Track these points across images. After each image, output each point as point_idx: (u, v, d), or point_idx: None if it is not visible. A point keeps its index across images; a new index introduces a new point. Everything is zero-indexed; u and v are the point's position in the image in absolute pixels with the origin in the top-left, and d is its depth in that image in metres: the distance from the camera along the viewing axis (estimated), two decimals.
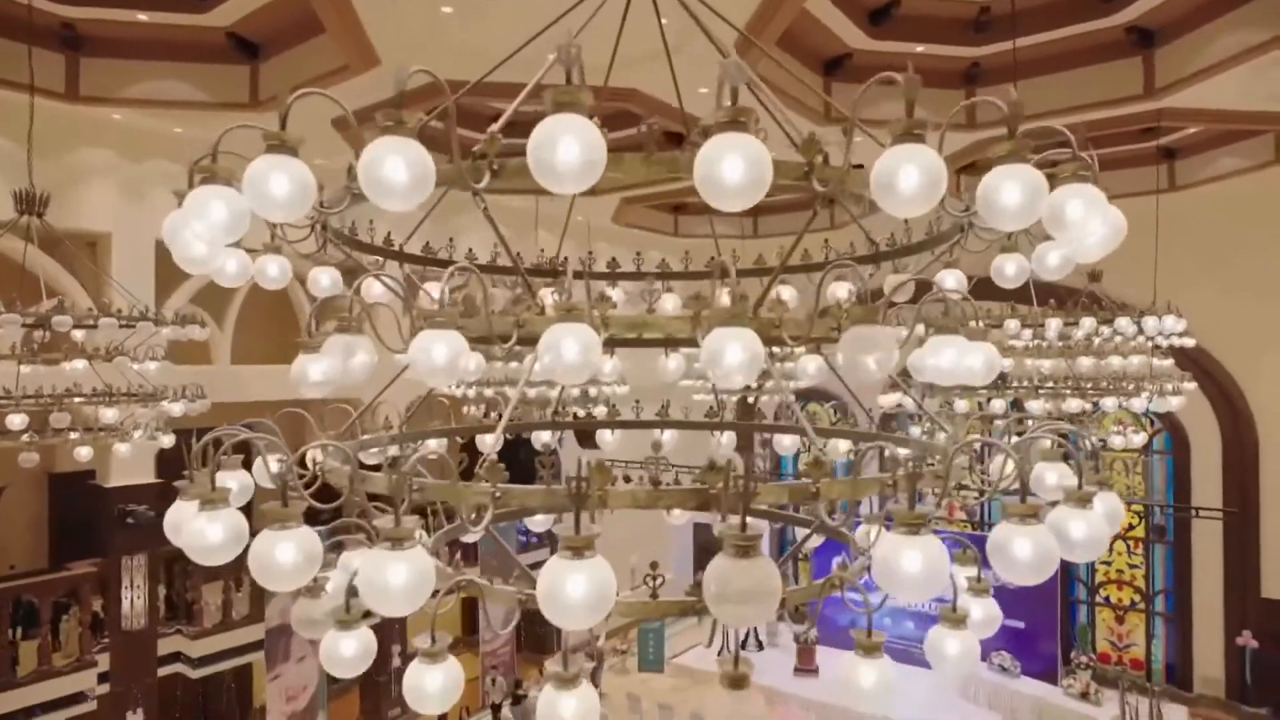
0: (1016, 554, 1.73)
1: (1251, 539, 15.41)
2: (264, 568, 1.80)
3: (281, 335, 15.13)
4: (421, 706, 2.06)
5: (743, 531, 1.56)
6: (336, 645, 2.21)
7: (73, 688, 10.75)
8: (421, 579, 1.64)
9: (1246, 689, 15.35)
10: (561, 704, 1.85)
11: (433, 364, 1.88)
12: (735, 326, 1.84)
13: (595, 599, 1.53)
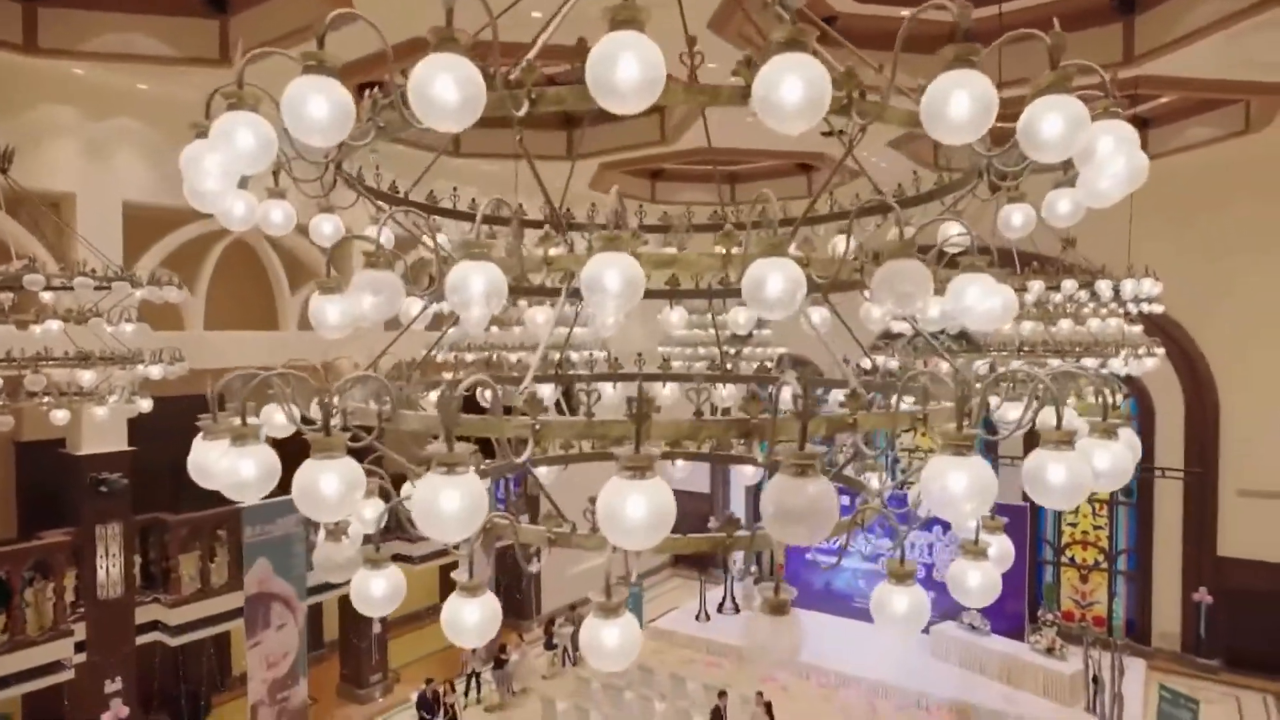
0: (1051, 480, 1.77)
1: (1209, 500, 15.97)
2: (308, 497, 1.78)
3: (254, 302, 14.85)
4: (460, 639, 2.06)
5: (801, 450, 1.57)
6: (367, 585, 2.20)
7: (48, 657, 10.60)
8: (475, 504, 1.63)
9: (1200, 642, 16.01)
10: (604, 633, 1.86)
11: (469, 295, 1.85)
12: (777, 257, 1.84)
13: (656, 519, 1.54)
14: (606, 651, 1.88)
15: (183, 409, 14.66)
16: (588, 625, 1.90)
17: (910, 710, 14.46)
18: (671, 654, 16.99)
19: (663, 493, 1.53)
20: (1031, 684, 14.54)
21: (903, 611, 2.09)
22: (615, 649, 1.86)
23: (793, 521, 1.58)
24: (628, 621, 1.87)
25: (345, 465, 1.77)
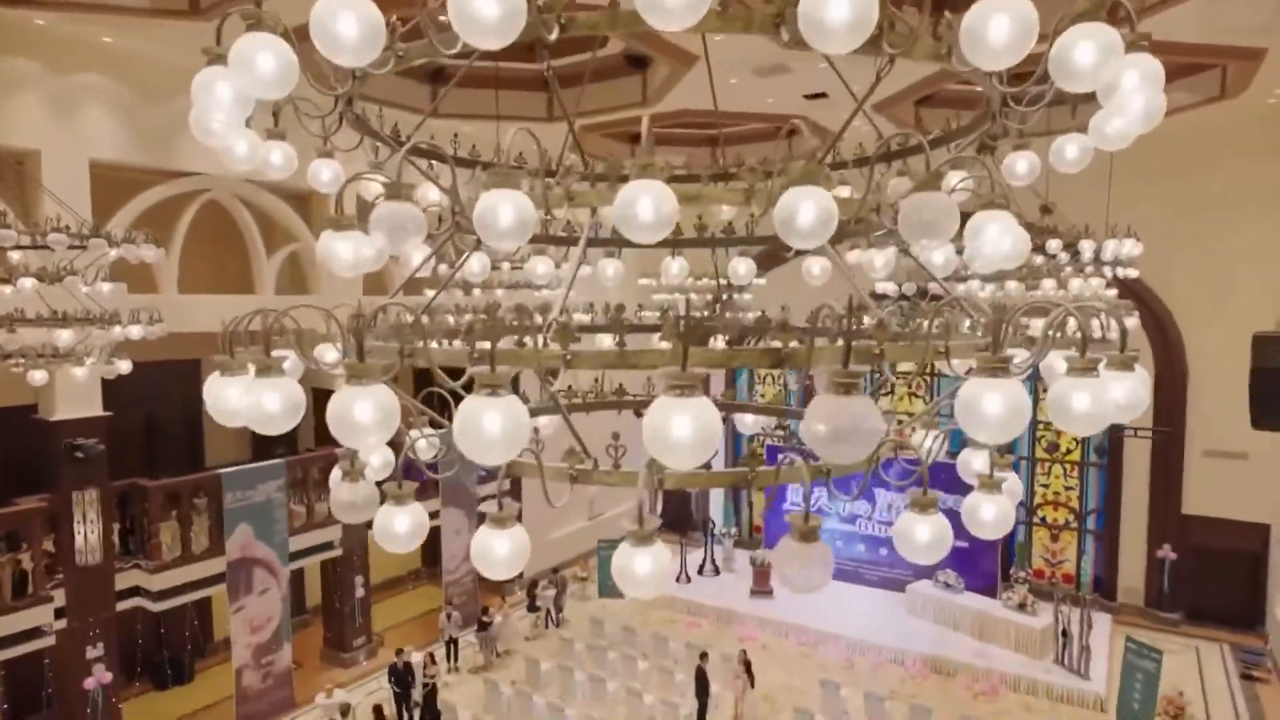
0: (1075, 407, 1.81)
1: (1175, 459, 16.43)
2: (343, 424, 1.76)
3: (229, 265, 14.55)
4: (489, 571, 2.07)
5: (845, 368, 1.58)
6: (391, 521, 2.19)
7: (28, 623, 10.49)
8: (518, 425, 1.62)
9: (1163, 597, 16.58)
10: (637, 561, 1.88)
11: (499, 225, 1.82)
12: (810, 185, 1.83)
13: (701, 437, 1.54)
14: (638, 579, 1.90)
15: (157, 374, 14.61)
16: (620, 553, 1.92)
17: (887, 666, 14.85)
18: (653, 615, 17.23)
19: (708, 411, 1.54)
20: (1003, 638, 14.98)
21: (925, 540, 2.13)
22: (647, 576, 1.88)
23: (838, 440, 1.60)
24: (658, 550, 1.88)
25: (380, 392, 1.75)
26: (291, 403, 1.91)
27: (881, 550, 17.98)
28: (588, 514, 21.05)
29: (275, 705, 13.24)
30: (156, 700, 13.70)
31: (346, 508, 2.32)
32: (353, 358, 1.86)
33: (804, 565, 1.86)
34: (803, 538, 1.91)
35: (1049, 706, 13.47)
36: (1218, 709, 13.36)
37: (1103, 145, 2.73)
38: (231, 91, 2.05)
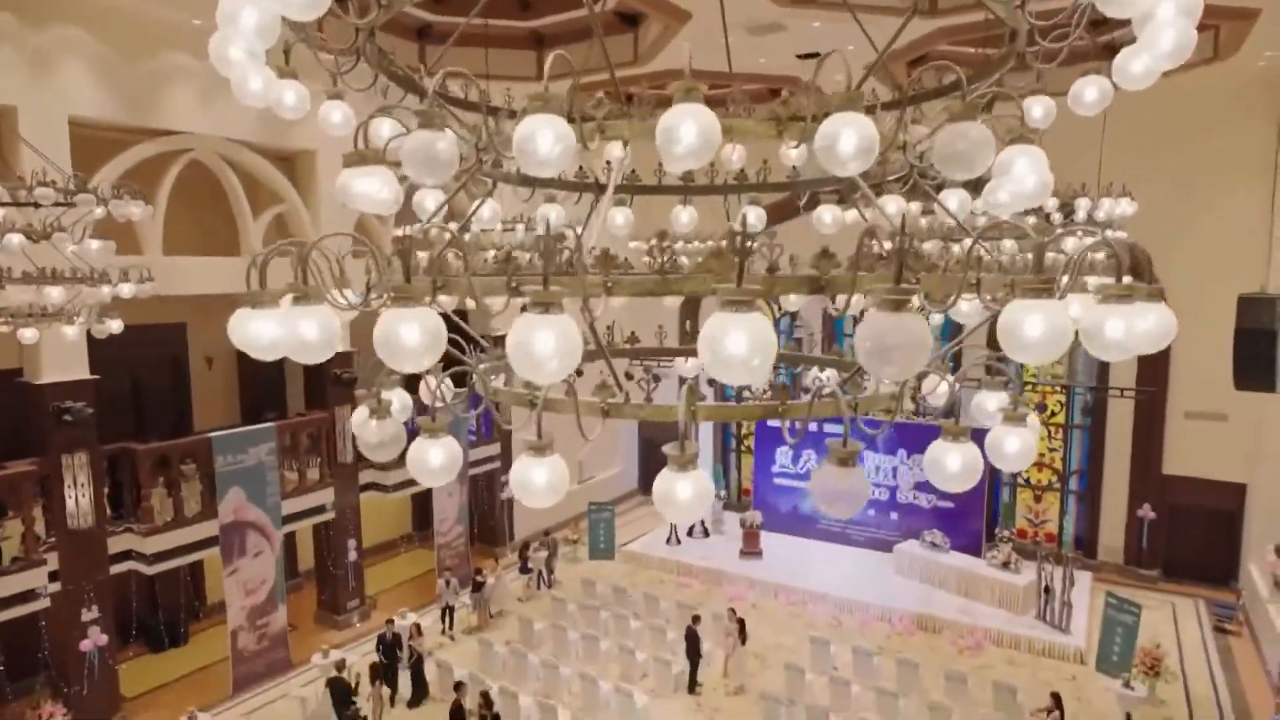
0: (1110, 335, 1.84)
1: (1158, 421, 16.72)
2: (389, 347, 1.75)
3: (213, 227, 14.32)
4: (529, 499, 2.08)
5: (897, 284, 1.60)
6: (425, 454, 2.20)
7: (21, 586, 10.46)
8: (572, 344, 1.62)
9: (1141, 555, 16.99)
10: (678, 486, 1.90)
11: (539, 152, 1.81)
12: (851, 113, 1.83)
13: (759, 347, 1.54)
14: (679, 503, 1.92)
15: (142, 339, 14.48)
16: (662, 478, 1.94)
17: (874, 623, 15.16)
18: (643, 575, 17.46)
19: (763, 326, 1.55)
20: (987, 595, 15.32)
21: (956, 469, 2.16)
22: (688, 501, 1.91)
23: (888, 356, 1.61)
24: (699, 475, 1.91)
25: (426, 315, 1.74)
26: (329, 331, 1.90)
27: (870, 511, 18.23)
28: (577, 478, 21.18)
29: (271, 666, 13.35)
30: (151, 662, 13.77)
31: (375, 447, 2.32)
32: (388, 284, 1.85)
33: (841, 488, 1.88)
34: (841, 462, 1.92)
35: (1031, 660, 13.83)
36: (1192, 660, 13.78)
37: (1126, 85, 2.73)
38: (256, 17, 2.00)
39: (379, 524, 17.78)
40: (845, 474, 1.73)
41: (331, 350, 1.97)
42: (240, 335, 2.10)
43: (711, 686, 12.92)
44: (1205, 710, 12.31)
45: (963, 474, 2.17)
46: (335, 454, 14.75)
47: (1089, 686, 12.88)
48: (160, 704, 12.45)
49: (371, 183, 2.33)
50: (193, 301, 14.82)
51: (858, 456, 2.02)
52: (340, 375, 14.72)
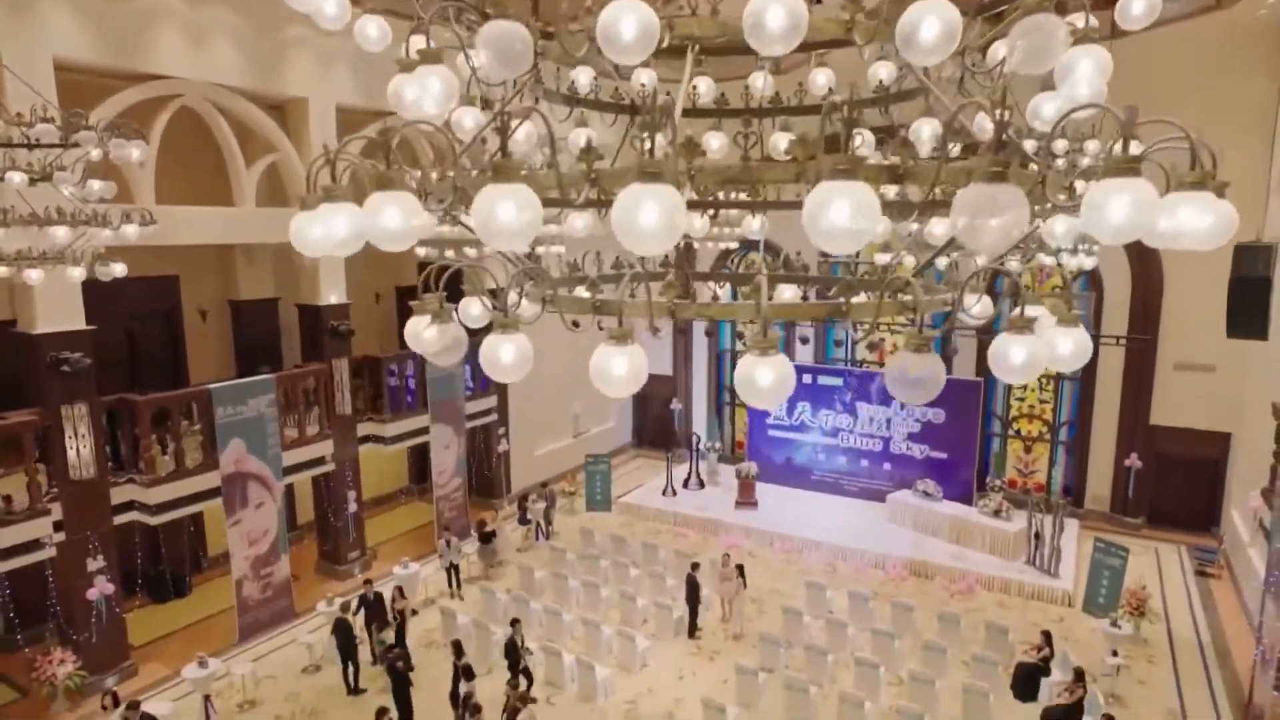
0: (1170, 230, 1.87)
1: (1147, 371, 16.98)
2: (488, 226, 1.75)
3: (202, 177, 14.05)
4: (609, 388, 2.09)
5: (996, 155, 1.61)
6: (496, 351, 2.21)
7: (27, 535, 10.48)
8: (675, 214, 1.62)
9: (1127, 503, 17.39)
10: (759, 371, 1.93)
11: (623, 39, 1.79)
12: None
13: (864, 212, 1.56)
14: (760, 389, 1.95)
15: (135, 291, 14.29)
16: (744, 363, 1.97)
17: (868, 570, 15.49)
18: (640, 526, 17.70)
19: (866, 192, 1.55)
20: (979, 542, 15.67)
21: (1019, 362, 2.20)
22: (770, 385, 1.94)
23: (987, 227, 1.63)
24: (781, 360, 1.93)
25: (523, 192, 1.73)
26: (416, 218, 1.89)
27: (863, 462, 18.52)
28: (572, 431, 21.33)
29: (276, 615, 13.50)
30: (156, 612, 13.88)
31: (439, 353, 2.34)
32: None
33: (917, 375, 1.92)
34: (917, 349, 1.96)
35: (1021, 603, 14.21)
36: (1174, 602, 14.21)
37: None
38: None
39: (377, 477, 17.87)
40: (922, 360, 1.75)
41: (414, 239, 1.96)
42: (306, 235, 2.08)
43: (710, 631, 13.22)
44: (1186, 649, 12.73)
45: (1026, 367, 2.22)
46: (334, 406, 14.74)
47: (1076, 627, 13.28)
48: (167, 652, 12.59)
49: (422, 85, 2.28)
50: (185, 254, 14.64)
51: (934, 343, 2.06)
52: (337, 328, 14.64)
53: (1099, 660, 11.58)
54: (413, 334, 2.58)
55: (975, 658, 11.45)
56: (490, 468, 18.67)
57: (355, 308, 15.26)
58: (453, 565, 14.59)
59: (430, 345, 2.41)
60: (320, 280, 14.47)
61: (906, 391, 1.93)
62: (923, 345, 2.00)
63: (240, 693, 11.44)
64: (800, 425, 19.12)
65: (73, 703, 11.04)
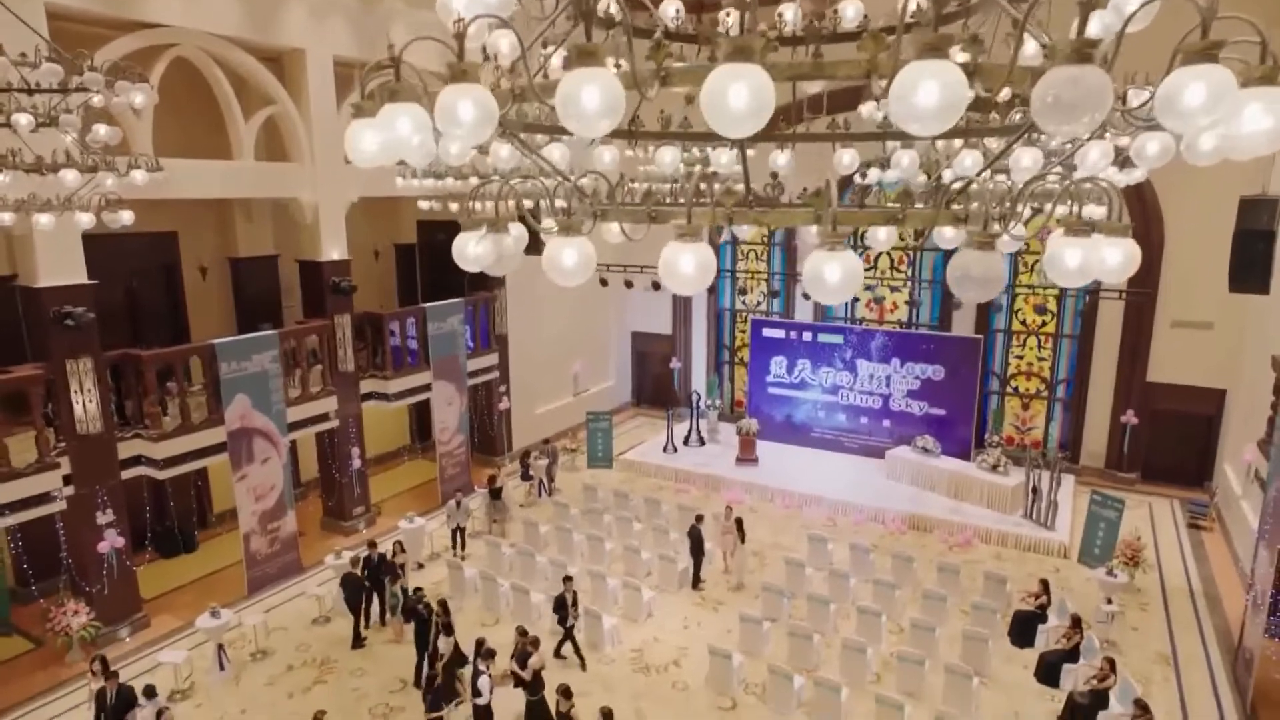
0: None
1: (1145, 328, 17.09)
2: (571, 108, 1.74)
3: (197, 133, 13.83)
4: (678, 284, 2.11)
5: (1082, 38, 1.62)
6: (559, 254, 2.22)
7: (37, 488, 10.52)
8: (764, 100, 1.62)
9: (1122, 458, 17.62)
10: (828, 268, 1.95)
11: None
12: None
13: (951, 93, 1.57)
14: (829, 285, 1.97)
15: (134, 247, 14.16)
16: (813, 259, 1.99)
17: (867, 524, 15.71)
18: (641, 483, 17.86)
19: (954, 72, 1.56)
20: (976, 496, 15.89)
21: (1075, 265, 2.22)
22: (838, 282, 1.96)
23: (1070, 108, 1.64)
24: (849, 256, 1.95)
25: (606, 77, 1.73)
26: (488, 111, 1.88)
27: (862, 419, 18.67)
28: (572, 390, 21.41)
29: (283, 569, 13.65)
30: (165, 566, 14.01)
31: (495, 263, 2.35)
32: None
33: (978, 273, 1.95)
34: (981, 246, 1.98)
35: (1017, 555, 14.48)
36: (1167, 553, 14.50)
37: None
38: None
39: (380, 435, 17.94)
40: (983, 258, 1.78)
41: (488, 132, 1.95)
42: (358, 151, 2.07)
43: (713, 582, 13.43)
44: (1178, 596, 13.03)
45: (1081, 271, 2.24)
46: (336, 363, 14.74)
47: (1071, 577, 13.55)
48: (178, 604, 12.73)
49: None
50: (183, 209, 14.48)
51: (996, 242, 2.08)
52: (338, 284, 14.58)
53: (1094, 608, 11.84)
54: (460, 250, 2.58)
55: (974, 606, 11.70)
56: (492, 425, 18.75)
57: (355, 265, 15.18)
58: (459, 528, 14.57)
59: (484, 259, 2.42)
60: (321, 236, 14.36)
61: (968, 288, 1.96)
62: (986, 243, 2.02)
63: (252, 643, 11.61)
64: (800, 383, 19.22)
65: (87, 653, 11.16)
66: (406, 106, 1.97)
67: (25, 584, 12.11)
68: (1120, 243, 2.39)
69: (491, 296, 18.07)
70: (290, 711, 10.18)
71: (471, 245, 2.48)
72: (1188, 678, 10.83)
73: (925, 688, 10.21)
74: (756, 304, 21.70)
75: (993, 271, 1.92)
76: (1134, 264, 2.45)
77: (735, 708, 10.15)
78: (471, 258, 2.55)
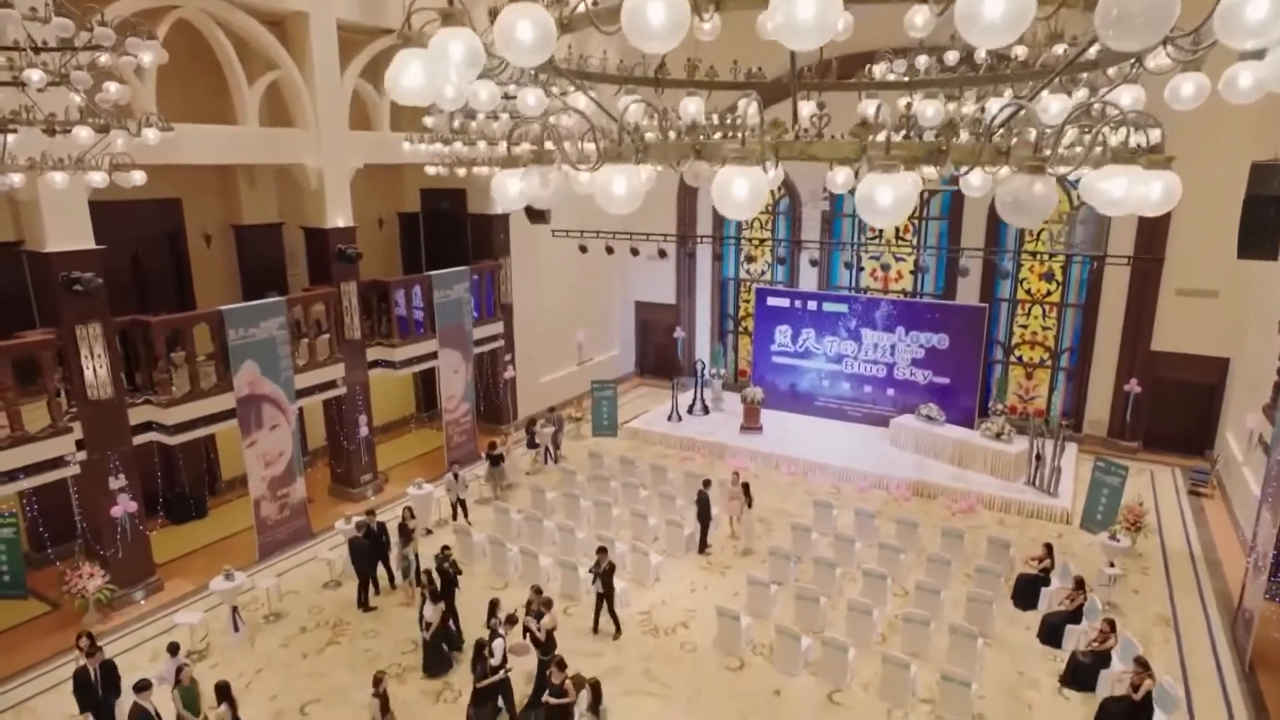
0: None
1: (1150, 297, 17.10)
2: (634, 23, 1.74)
3: (200, 100, 13.71)
4: (730, 209, 2.12)
5: None
6: (610, 182, 2.23)
7: (51, 452, 10.58)
8: (834, 10, 1.62)
9: (1125, 427, 17.73)
10: (879, 190, 1.97)
11: None
12: None
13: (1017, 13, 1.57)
14: (880, 207, 1.99)
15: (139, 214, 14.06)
16: (866, 182, 2.01)
17: (871, 491, 15.84)
18: (646, 451, 17.97)
19: None
20: (980, 464, 16.01)
21: (1119, 194, 2.24)
22: (890, 205, 1.97)
23: (1134, 20, 1.64)
24: (904, 178, 1.97)
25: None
26: (547, 32, 1.87)
27: (866, 388, 18.74)
28: (576, 360, 21.45)
29: (293, 534, 13.78)
30: (176, 532, 14.13)
31: (547, 198, 2.36)
32: None
33: (1028, 196, 1.97)
34: (1032, 170, 2.00)
35: (1020, 521, 14.62)
36: (1168, 519, 14.65)
37: None
38: None
39: (386, 404, 18.00)
40: (1033, 180, 1.80)
41: (549, 51, 1.94)
42: (395, 86, 2.07)
43: (720, 547, 13.58)
44: (1179, 561, 13.19)
45: (1125, 200, 2.26)
46: (343, 330, 14.75)
47: (1073, 543, 13.71)
48: (190, 569, 12.88)
49: None
50: (187, 175, 14.40)
51: (1046, 167, 2.09)
52: (344, 251, 14.54)
53: (1095, 572, 11.99)
54: (501, 188, 2.59)
55: (978, 570, 11.84)
56: (497, 394, 18.82)
57: (359, 235, 15.11)
58: (459, 500, 14.32)
59: (528, 192, 2.43)
60: (326, 202, 14.30)
61: (1018, 213, 1.97)
62: (1037, 168, 2.03)
63: (265, 605, 11.76)
64: (805, 352, 19.26)
65: (103, 615, 11.34)
66: (459, 31, 1.97)
67: (41, 548, 12.23)
68: (1162, 175, 2.40)
69: (497, 265, 18.04)
70: (305, 671, 10.34)
71: (514, 182, 2.49)
72: (1187, 638, 11.00)
73: (930, 648, 10.37)
74: (760, 273, 21.67)
75: (1043, 196, 1.93)
76: (1175, 198, 2.46)
77: (743, 668, 10.32)
78: (515, 194, 2.56)
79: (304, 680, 10.15)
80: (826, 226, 19.86)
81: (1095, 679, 9.66)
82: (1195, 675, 10.22)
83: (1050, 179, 2.06)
